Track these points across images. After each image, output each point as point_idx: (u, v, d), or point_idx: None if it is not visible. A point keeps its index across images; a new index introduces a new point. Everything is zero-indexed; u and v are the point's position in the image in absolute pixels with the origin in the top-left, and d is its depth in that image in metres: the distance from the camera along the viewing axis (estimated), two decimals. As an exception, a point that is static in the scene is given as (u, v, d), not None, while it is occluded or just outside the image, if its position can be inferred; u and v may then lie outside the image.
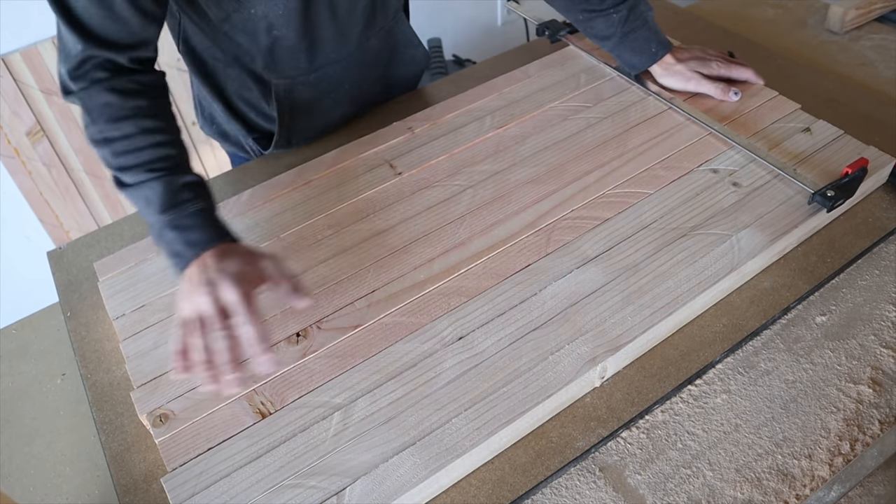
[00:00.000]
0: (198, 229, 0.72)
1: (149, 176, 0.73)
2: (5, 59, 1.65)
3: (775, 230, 0.77)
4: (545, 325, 0.71)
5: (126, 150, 0.73)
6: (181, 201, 0.73)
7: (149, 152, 0.73)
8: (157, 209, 0.72)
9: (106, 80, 0.73)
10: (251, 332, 0.65)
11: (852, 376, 0.69)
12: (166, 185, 0.73)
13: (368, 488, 0.61)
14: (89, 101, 0.73)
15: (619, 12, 0.94)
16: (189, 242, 0.71)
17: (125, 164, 0.73)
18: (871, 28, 1.16)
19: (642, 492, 0.62)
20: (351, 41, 0.92)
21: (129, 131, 0.73)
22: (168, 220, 0.72)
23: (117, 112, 0.73)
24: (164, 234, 0.72)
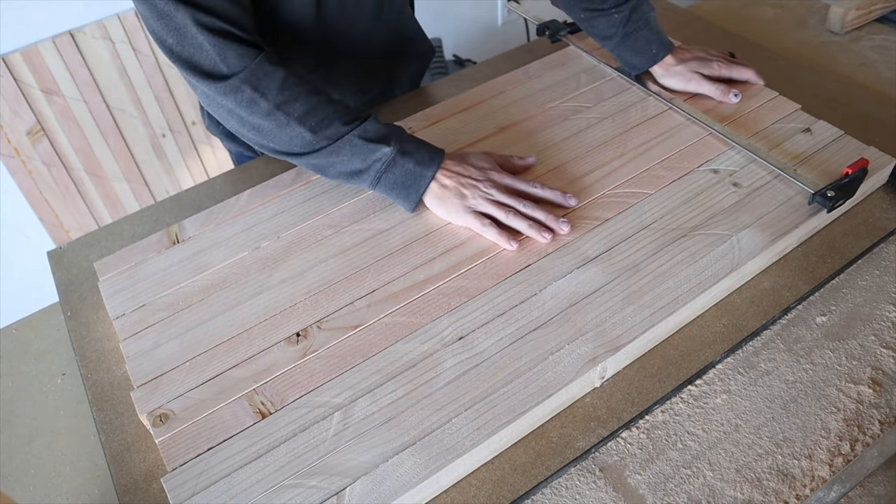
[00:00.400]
0: (422, 148, 0.79)
1: (350, 127, 0.77)
2: (5, 59, 1.65)
3: (775, 230, 0.77)
4: (545, 325, 0.71)
5: (311, 111, 0.76)
6: (395, 130, 0.79)
7: (333, 108, 0.77)
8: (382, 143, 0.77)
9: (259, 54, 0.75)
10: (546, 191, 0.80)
11: (852, 376, 0.69)
12: (373, 123, 0.78)
13: (368, 488, 0.61)
14: (257, 79, 0.74)
15: (621, 12, 0.94)
16: (424, 161, 0.79)
17: (319, 126, 0.76)
18: (872, 28, 1.16)
19: (642, 492, 0.62)
20: (358, 35, 0.93)
21: (306, 96, 0.76)
22: (396, 151, 0.78)
23: (287, 80, 0.76)
24: (395, 165, 0.78)
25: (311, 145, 0.78)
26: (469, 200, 0.78)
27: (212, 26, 0.72)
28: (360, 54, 0.96)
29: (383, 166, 0.78)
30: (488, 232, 0.77)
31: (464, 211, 0.79)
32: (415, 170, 0.78)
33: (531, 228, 0.77)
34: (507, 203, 0.78)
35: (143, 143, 1.90)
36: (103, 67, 1.77)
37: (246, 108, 0.76)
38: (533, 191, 0.80)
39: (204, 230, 0.86)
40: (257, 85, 0.75)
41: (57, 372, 0.83)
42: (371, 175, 0.79)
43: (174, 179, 2.00)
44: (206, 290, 0.79)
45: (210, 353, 0.72)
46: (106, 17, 1.73)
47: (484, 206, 0.78)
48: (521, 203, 0.78)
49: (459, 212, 0.79)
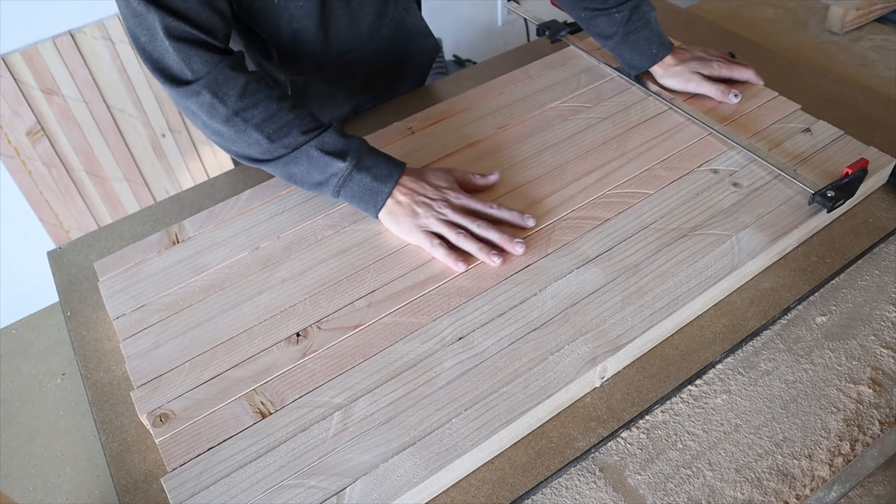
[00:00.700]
0: (381, 162, 0.79)
1: (308, 136, 0.77)
2: (5, 59, 1.65)
3: (775, 230, 0.77)
4: (545, 326, 0.71)
5: (270, 119, 0.76)
6: (354, 145, 0.78)
7: (294, 116, 0.77)
8: (337, 157, 0.77)
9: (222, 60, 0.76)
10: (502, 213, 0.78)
11: (852, 376, 0.69)
12: (332, 135, 0.78)
13: (368, 488, 0.61)
14: (216, 84, 0.75)
15: (622, 11, 0.94)
16: (382, 177, 0.78)
17: (275, 134, 0.77)
18: (872, 28, 1.16)
19: (642, 492, 0.62)
20: (363, 31, 0.93)
21: (265, 103, 0.77)
22: (353, 165, 0.78)
23: (247, 87, 0.76)
24: (353, 180, 0.78)
25: (270, 153, 0.78)
26: (421, 219, 0.77)
27: (179, 32, 0.73)
28: (363, 52, 0.96)
29: (340, 181, 0.78)
30: (437, 252, 0.76)
31: (415, 229, 0.78)
32: (372, 185, 0.78)
33: (481, 251, 0.75)
34: (459, 223, 0.77)
35: (143, 143, 1.90)
36: (103, 67, 1.77)
37: (206, 112, 0.76)
38: (489, 211, 0.79)
39: (204, 230, 0.86)
40: (217, 91, 0.75)
41: (57, 372, 0.83)
42: (330, 188, 0.80)
43: (174, 179, 2.00)
44: (206, 290, 0.79)
45: (210, 353, 0.72)
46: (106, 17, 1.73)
47: (435, 225, 0.77)
48: (475, 223, 0.77)
49: (412, 230, 0.78)
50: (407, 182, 0.79)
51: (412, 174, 0.80)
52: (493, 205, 0.79)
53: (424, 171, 0.81)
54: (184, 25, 0.73)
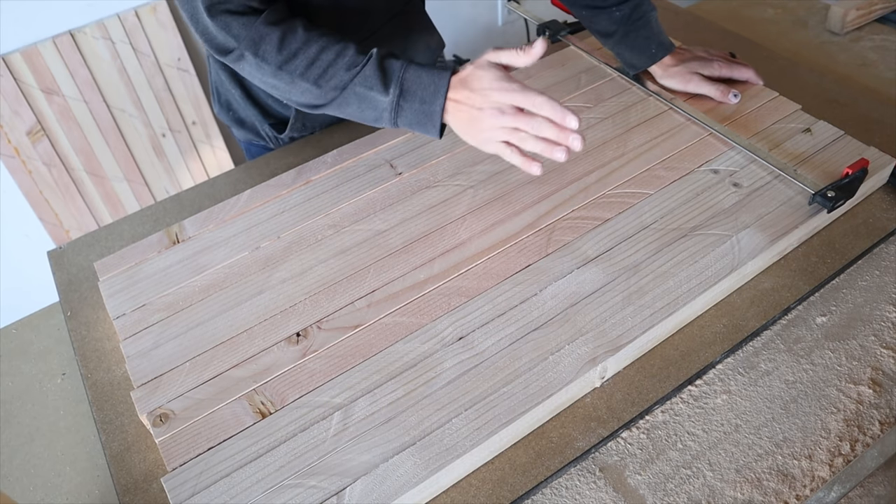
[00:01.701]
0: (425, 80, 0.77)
1: (353, 73, 0.77)
2: (5, 59, 1.65)
3: (776, 231, 0.77)
4: (545, 326, 0.71)
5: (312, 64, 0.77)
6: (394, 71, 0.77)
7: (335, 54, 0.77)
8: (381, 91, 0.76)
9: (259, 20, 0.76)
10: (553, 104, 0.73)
11: (852, 377, 0.69)
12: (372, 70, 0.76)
13: (368, 488, 0.61)
14: (254, 44, 0.76)
15: (622, 10, 0.94)
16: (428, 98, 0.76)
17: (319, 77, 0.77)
18: (872, 29, 1.16)
19: (642, 492, 0.62)
20: (367, 25, 0.93)
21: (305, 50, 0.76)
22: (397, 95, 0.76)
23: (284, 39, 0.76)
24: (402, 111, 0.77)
25: (323, 97, 0.78)
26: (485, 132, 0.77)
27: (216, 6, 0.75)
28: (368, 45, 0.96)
29: (392, 114, 0.78)
30: (513, 159, 0.76)
31: (483, 143, 0.78)
32: (421, 108, 0.77)
33: (545, 150, 0.74)
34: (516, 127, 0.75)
35: (143, 143, 1.90)
36: (103, 67, 1.77)
37: (257, 72, 0.78)
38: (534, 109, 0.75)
39: (204, 230, 0.86)
40: (257, 50, 0.77)
41: (57, 372, 0.83)
42: (386, 120, 0.79)
43: (174, 179, 2.00)
44: (206, 290, 0.79)
45: (210, 353, 0.72)
46: (106, 17, 1.73)
47: (497, 134, 0.76)
48: (530, 124, 0.75)
49: (481, 144, 0.78)
50: (454, 95, 0.77)
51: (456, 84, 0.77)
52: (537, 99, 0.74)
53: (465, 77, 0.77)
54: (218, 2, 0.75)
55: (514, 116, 0.75)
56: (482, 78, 0.76)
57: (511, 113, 0.75)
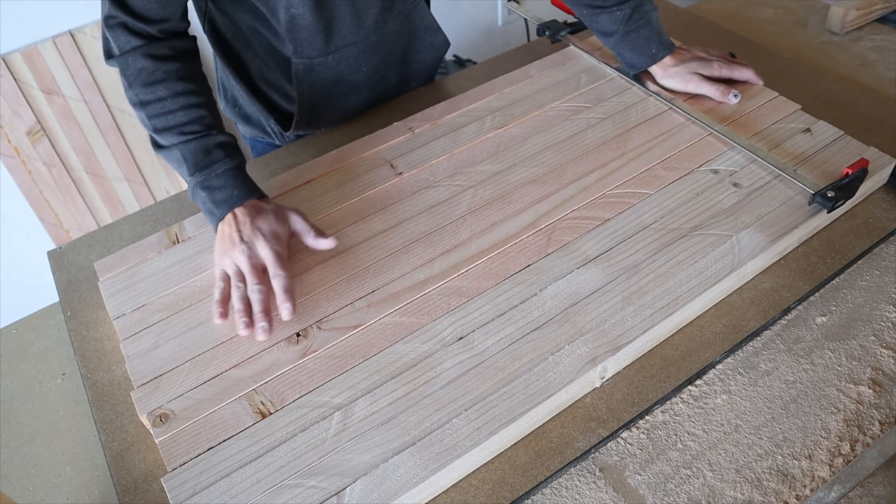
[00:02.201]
0: (227, 188, 0.80)
1: (181, 139, 0.80)
2: (5, 59, 1.65)
3: (776, 231, 0.77)
4: (545, 326, 0.71)
5: (159, 113, 0.80)
6: (211, 162, 0.80)
7: (181, 115, 0.80)
8: (189, 170, 0.80)
9: (141, 46, 0.80)
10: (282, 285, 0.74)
11: (852, 377, 0.69)
12: (196, 146, 0.80)
13: (368, 488, 0.61)
14: (126, 66, 0.80)
15: (623, 10, 0.94)
16: (219, 201, 0.79)
17: (159, 126, 0.81)
18: (872, 29, 1.16)
19: (642, 492, 0.62)
20: (368, 24, 0.93)
21: (162, 94, 0.80)
22: (199, 181, 0.80)
23: (151, 76, 0.80)
24: (197, 194, 0.81)
25: (157, 142, 0.82)
26: (224, 258, 0.78)
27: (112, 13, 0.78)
28: (368, 44, 0.96)
29: (190, 190, 0.82)
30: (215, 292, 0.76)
31: (217, 263, 0.78)
32: (209, 206, 0.80)
33: (238, 312, 0.73)
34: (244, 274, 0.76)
35: (143, 143, 1.90)
36: (103, 67, 1.77)
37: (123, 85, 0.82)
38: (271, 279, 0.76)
39: (204, 230, 0.86)
40: (125, 71, 0.80)
41: (57, 372, 0.83)
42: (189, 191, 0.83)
43: (174, 179, 2.00)
44: (206, 290, 0.79)
45: (210, 353, 0.72)
46: (106, 17, 1.73)
47: (228, 266, 0.77)
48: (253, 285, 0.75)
49: (215, 262, 0.79)
50: (239, 214, 0.78)
51: (250, 208, 0.79)
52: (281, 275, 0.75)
53: (263, 210, 0.79)
54: (115, 10, 0.78)
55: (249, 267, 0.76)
56: (268, 221, 0.79)
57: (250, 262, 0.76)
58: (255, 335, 0.72)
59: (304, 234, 0.80)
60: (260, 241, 0.76)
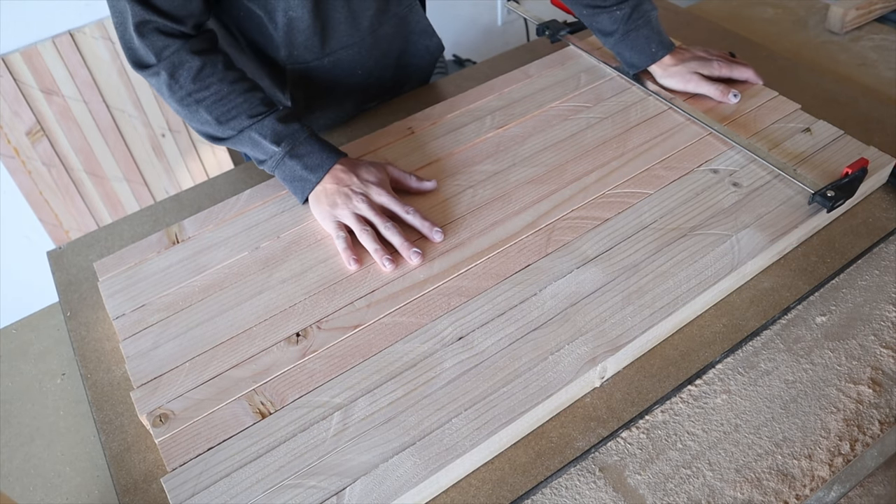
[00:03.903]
0: (316, 153, 0.82)
1: (251, 121, 0.82)
2: (5, 59, 1.65)
3: (775, 230, 0.77)
4: (545, 325, 0.71)
5: (219, 103, 0.81)
6: (292, 132, 0.82)
7: (241, 100, 0.82)
8: (272, 143, 0.82)
9: (183, 45, 0.80)
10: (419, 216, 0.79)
11: (852, 376, 0.69)
12: (270, 122, 0.82)
13: (368, 488, 0.61)
14: (172, 68, 0.80)
15: (623, 9, 0.94)
16: (312, 166, 0.82)
17: (223, 117, 0.82)
18: (872, 28, 1.16)
19: (642, 492, 0.62)
20: (363, 26, 0.94)
21: (217, 86, 0.81)
22: (287, 151, 0.82)
23: (201, 71, 0.81)
24: (284, 165, 0.82)
25: (220, 132, 0.83)
26: (338, 209, 0.80)
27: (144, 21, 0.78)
28: (364, 46, 0.96)
29: (274, 163, 0.83)
30: (338, 243, 0.79)
31: (328, 217, 0.81)
32: (301, 173, 0.82)
33: (377, 252, 0.77)
34: (368, 219, 0.80)
35: (143, 143, 1.90)
36: (103, 67, 1.77)
37: (167, 91, 0.82)
38: (405, 216, 0.81)
39: (204, 230, 0.86)
40: (173, 72, 0.80)
41: (57, 372, 0.83)
42: (268, 166, 0.84)
43: (174, 179, 2.00)
44: (205, 290, 0.79)
45: (210, 353, 0.72)
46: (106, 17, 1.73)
47: (346, 217, 0.80)
48: (384, 224, 0.79)
49: (325, 217, 0.81)
50: (338, 171, 0.82)
51: (347, 164, 0.83)
52: (411, 209, 0.80)
53: (360, 164, 0.84)
54: (149, 14, 0.77)
55: (374, 212, 0.80)
56: (373, 173, 0.83)
57: (374, 209, 0.80)
58: (411, 260, 0.76)
59: (405, 179, 0.84)
60: (373, 189, 0.80)
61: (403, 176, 0.85)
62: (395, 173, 0.85)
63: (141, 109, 1.86)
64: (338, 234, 0.79)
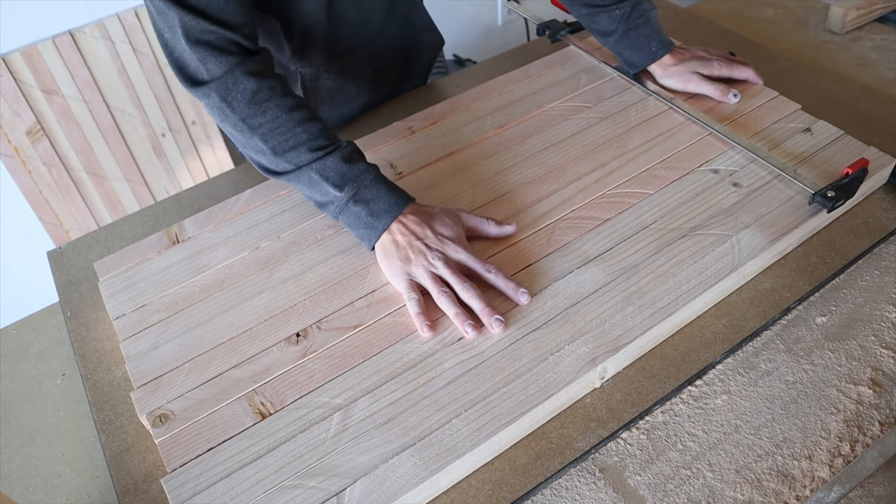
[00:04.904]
0: (383, 197, 0.74)
1: (313, 156, 0.73)
2: (5, 59, 1.65)
3: (776, 230, 0.77)
4: (545, 326, 0.71)
5: (276, 133, 0.73)
6: (358, 173, 0.74)
7: (300, 130, 0.73)
8: (334, 187, 0.73)
9: (238, 64, 0.73)
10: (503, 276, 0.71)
11: (852, 377, 0.69)
12: (334, 161, 0.73)
13: (368, 489, 0.61)
14: (227, 90, 0.73)
15: (622, 8, 0.94)
16: (378, 212, 0.73)
17: (280, 148, 0.73)
18: (872, 28, 1.16)
19: (642, 493, 0.62)
20: (372, 27, 0.94)
21: (275, 113, 0.73)
22: (351, 196, 0.73)
23: (257, 96, 0.73)
24: (348, 210, 0.74)
25: (275, 165, 0.76)
26: (411, 266, 0.72)
27: (197, 31, 0.71)
28: (373, 47, 0.96)
29: (336, 209, 0.76)
30: (410, 306, 0.71)
31: (401, 274, 0.73)
32: (367, 219, 0.74)
33: (457, 318, 0.70)
34: (448, 281, 0.72)
35: (143, 143, 1.90)
36: (103, 67, 1.77)
37: (218, 114, 0.75)
38: (486, 275, 0.72)
39: (204, 230, 0.86)
40: (226, 95, 0.73)
41: (57, 372, 0.83)
42: (329, 212, 0.77)
43: (174, 179, 2.00)
44: (205, 291, 0.79)
45: (210, 353, 0.72)
46: (106, 17, 1.73)
47: (422, 276, 0.72)
48: (464, 286, 0.70)
49: (397, 274, 0.73)
50: (409, 222, 0.73)
51: (419, 214, 0.74)
52: (493, 268, 0.72)
53: (434, 214, 0.75)
54: (203, 23, 0.71)
55: (452, 273, 0.71)
56: (449, 225, 0.74)
57: (452, 267, 0.71)
58: (492, 329, 0.68)
59: (482, 226, 0.76)
60: (450, 246, 0.72)
61: (480, 223, 0.77)
62: (471, 221, 0.77)
63: (141, 109, 1.86)
64: (410, 295, 0.71)
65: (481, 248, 0.79)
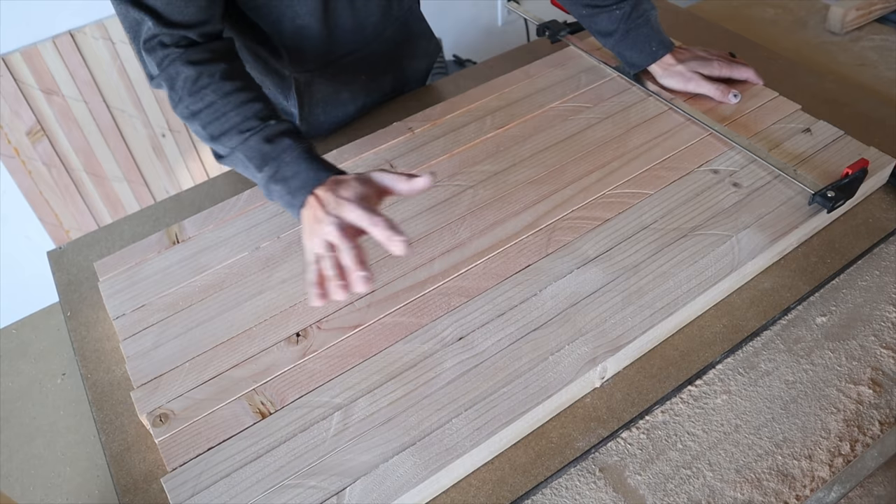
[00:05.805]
0: (300, 174, 0.73)
1: (241, 138, 0.74)
2: (5, 59, 1.65)
3: (776, 231, 0.77)
4: (545, 326, 0.71)
5: (212, 119, 0.75)
6: (279, 152, 0.74)
7: (233, 115, 0.75)
8: (256, 167, 0.74)
9: (180, 55, 0.75)
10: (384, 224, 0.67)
11: (852, 377, 0.69)
12: (257, 141, 0.74)
13: (368, 488, 0.61)
14: (170, 80, 0.75)
15: (622, 8, 0.94)
16: (295, 189, 0.73)
17: (215, 133, 0.75)
18: (872, 29, 1.16)
19: (642, 492, 0.62)
20: (368, 32, 0.93)
21: (210, 99, 0.75)
22: (270, 175, 0.73)
23: (196, 83, 0.75)
24: (272, 190, 0.74)
25: (217, 149, 0.77)
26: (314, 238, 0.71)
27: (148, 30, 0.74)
28: (369, 51, 0.96)
29: (264, 189, 0.75)
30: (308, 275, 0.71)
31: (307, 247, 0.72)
32: (287, 198, 0.74)
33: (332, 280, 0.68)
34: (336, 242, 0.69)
35: (143, 143, 1.90)
36: (103, 67, 1.77)
37: (172, 106, 0.78)
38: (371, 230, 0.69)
39: (204, 230, 0.86)
40: (172, 85, 0.76)
41: (57, 372, 0.83)
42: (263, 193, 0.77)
43: (174, 179, 2.00)
44: (205, 291, 0.79)
45: (210, 353, 0.72)
46: (106, 17, 1.73)
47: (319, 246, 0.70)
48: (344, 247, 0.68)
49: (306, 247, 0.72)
50: (320, 192, 0.72)
51: (331, 183, 0.72)
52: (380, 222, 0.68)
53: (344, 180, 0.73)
54: (157, 27, 0.74)
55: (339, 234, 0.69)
56: (351, 188, 0.72)
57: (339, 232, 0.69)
58: (354, 287, 0.67)
59: (394, 184, 0.72)
60: (346, 207, 0.69)
61: (391, 181, 0.73)
62: (382, 180, 0.73)
63: (141, 109, 1.86)
64: (309, 268, 0.71)
65: (479, 247, 0.79)
